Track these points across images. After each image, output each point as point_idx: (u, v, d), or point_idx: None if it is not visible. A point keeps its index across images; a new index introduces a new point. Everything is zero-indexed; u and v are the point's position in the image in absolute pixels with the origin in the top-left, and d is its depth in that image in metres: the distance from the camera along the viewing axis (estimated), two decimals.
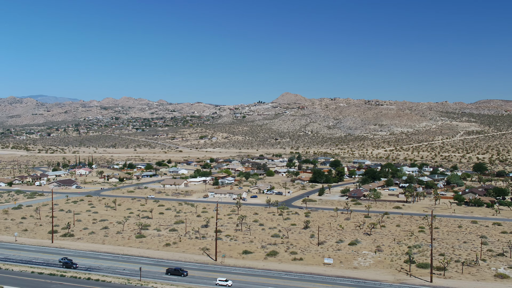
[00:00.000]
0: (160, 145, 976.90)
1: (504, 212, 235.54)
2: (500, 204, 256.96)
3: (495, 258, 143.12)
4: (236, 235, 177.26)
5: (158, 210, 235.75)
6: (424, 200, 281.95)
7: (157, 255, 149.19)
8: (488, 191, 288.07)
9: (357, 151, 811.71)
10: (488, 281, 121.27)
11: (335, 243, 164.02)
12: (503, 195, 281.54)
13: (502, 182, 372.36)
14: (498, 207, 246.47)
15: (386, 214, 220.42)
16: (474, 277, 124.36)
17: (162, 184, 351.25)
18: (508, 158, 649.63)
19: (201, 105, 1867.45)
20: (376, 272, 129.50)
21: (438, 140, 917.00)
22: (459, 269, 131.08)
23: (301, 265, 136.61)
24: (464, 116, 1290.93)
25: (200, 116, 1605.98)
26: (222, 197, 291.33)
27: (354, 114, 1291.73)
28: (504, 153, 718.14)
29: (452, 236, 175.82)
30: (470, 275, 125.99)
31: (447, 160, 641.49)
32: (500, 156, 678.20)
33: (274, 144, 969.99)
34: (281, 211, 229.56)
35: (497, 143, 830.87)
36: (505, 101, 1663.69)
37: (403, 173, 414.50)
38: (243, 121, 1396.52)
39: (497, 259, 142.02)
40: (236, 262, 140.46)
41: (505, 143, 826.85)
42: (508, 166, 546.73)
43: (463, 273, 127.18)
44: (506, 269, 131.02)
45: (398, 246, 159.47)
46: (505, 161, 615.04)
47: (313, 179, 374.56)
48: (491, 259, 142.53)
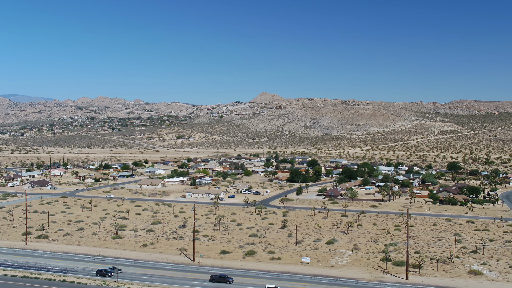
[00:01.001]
0: (136, 145, 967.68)
1: (477, 210, 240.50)
2: (473, 202, 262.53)
3: (468, 255, 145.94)
4: (214, 235, 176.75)
5: (135, 211, 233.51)
6: (400, 199, 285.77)
7: (134, 256, 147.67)
8: (462, 189, 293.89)
9: (334, 150, 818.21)
10: (462, 277, 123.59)
11: (313, 242, 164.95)
12: (476, 193, 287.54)
13: (475, 181, 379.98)
14: (472, 205, 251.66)
15: (362, 213, 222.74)
16: (449, 274, 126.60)
17: (139, 185, 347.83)
18: (481, 157, 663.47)
19: (178, 105, 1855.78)
20: (353, 271, 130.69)
21: (413, 140, 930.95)
22: (434, 266, 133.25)
23: (279, 265, 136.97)
24: (438, 116, 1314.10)
25: (177, 116, 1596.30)
26: (200, 197, 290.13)
27: (331, 114, 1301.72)
28: (477, 152, 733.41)
29: (427, 234, 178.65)
30: (444, 272, 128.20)
31: (422, 159, 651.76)
32: (473, 155, 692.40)
33: (252, 144, 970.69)
34: (259, 210, 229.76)
35: (470, 143, 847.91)
36: (478, 101, 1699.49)
37: (379, 172, 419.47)
38: (220, 121, 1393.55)
39: (470, 256, 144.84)
40: (214, 262, 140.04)
41: (477, 143, 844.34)
42: (480, 165, 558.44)
43: (438, 270, 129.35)
44: (479, 266, 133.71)
45: (374, 244, 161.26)
46: (477, 160, 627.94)
47: (291, 179, 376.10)
48: (465, 256, 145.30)
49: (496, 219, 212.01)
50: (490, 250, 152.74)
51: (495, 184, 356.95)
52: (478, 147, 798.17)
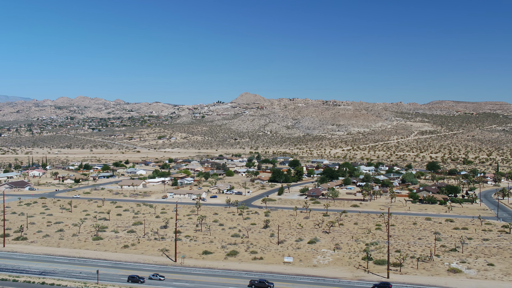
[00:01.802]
0: (117, 146, 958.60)
1: (456, 209, 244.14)
2: (452, 201, 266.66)
3: (448, 254, 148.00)
4: (196, 235, 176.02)
5: (116, 212, 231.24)
6: (381, 198, 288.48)
7: (115, 257, 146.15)
8: (441, 189, 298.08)
9: (316, 150, 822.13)
10: (442, 275, 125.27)
11: (295, 241, 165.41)
12: (455, 192, 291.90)
13: (454, 180, 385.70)
14: (451, 204, 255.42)
15: (344, 213, 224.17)
16: (429, 272, 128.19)
17: (119, 185, 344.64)
18: (459, 157, 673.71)
19: (160, 105, 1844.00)
20: (335, 270, 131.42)
21: (393, 140, 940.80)
22: (414, 264, 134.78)
23: (261, 264, 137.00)
24: (418, 117, 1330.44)
25: (159, 116, 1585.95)
26: (182, 197, 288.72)
27: (312, 114, 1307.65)
28: (456, 152, 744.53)
29: (407, 233, 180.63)
30: (425, 270, 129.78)
31: (402, 159, 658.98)
32: (452, 155, 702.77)
33: (234, 144, 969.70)
34: (241, 210, 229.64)
35: (449, 143, 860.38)
36: (456, 102, 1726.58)
37: (360, 172, 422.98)
38: (202, 121, 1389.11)
39: (450, 254, 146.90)
40: (196, 262, 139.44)
41: (456, 143, 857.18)
42: (459, 165, 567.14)
43: (418, 269, 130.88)
44: (458, 264, 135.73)
45: (356, 243, 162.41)
46: (456, 160, 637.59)
47: (273, 179, 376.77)
48: (445, 254, 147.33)
49: (475, 217, 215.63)
50: (469, 248, 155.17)
51: (473, 183, 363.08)
52: (457, 147, 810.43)
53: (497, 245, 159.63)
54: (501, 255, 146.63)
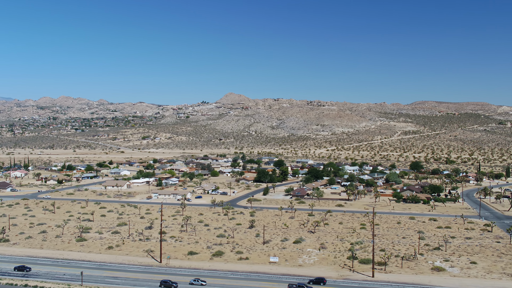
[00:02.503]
0: (101, 146, 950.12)
1: (439, 208, 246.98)
2: (435, 201, 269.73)
3: (431, 252, 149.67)
4: (181, 236, 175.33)
5: (100, 213, 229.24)
6: (365, 198, 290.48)
7: (99, 258, 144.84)
8: (424, 188, 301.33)
9: (300, 150, 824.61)
10: (426, 274, 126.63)
11: (280, 241, 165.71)
12: (438, 192, 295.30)
13: (437, 180, 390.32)
14: (434, 204, 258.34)
15: (329, 212, 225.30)
16: (413, 270, 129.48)
17: (103, 186, 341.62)
18: (442, 156, 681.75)
19: (144, 105, 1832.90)
20: (320, 269, 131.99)
21: (377, 140, 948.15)
22: (399, 263, 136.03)
23: (247, 265, 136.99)
24: (401, 117, 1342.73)
25: (143, 116, 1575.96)
26: (166, 198, 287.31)
27: (297, 115, 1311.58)
28: (438, 152, 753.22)
29: (391, 232, 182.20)
30: (409, 269, 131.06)
31: (386, 159, 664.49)
32: (435, 155, 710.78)
33: (219, 144, 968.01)
34: (226, 211, 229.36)
35: (432, 143, 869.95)
36: (439, 102, 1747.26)
37: (345, 172, 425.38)
38: (186, 121, 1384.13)
39: (433, 253, 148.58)
40: (182, 263, 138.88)
41: (439, 143, 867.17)
42: (442, 165, 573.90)
43: (403, 267, 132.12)
44: (442, 262, 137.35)
45: (341, 243, 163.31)
46: (439, 160, 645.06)
47: (258, 179, 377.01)
48: (428, 253, 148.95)
49: (457, 216, 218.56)
50: (452, 246, 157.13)
51: (456, 182, 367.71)
52: (440, 147, 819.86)
53: (480, 244, 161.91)
54: (483, 253, 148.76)
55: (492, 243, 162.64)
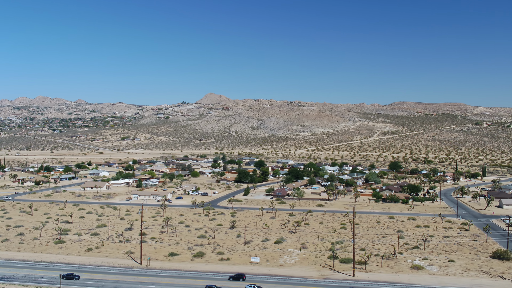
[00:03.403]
0: (79, 147, 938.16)
1: (417, 207, 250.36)
2: (414, 200, 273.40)
3: (411, 251, 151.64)
4: (161, 237, 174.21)
5: (79, 214, 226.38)
6: (345, 197, 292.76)
7: (78, 260, 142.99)
8: (403, 188, 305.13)
9: (281, 151, 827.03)
10: (405, 272, 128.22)
11: (261, 242, 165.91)
12: (417, 191, 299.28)
13: (415, 179, 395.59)
14: (412, 203, 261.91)
15: (309, 212, 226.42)
16: (393, 269, 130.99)
17: (82, 187, 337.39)
18: (420, 156, 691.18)
19: (123, 105, 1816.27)
20: (301, 269, 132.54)
21: (356, 140, 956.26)
22: (379, 262, 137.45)
23: (228, 265, 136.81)
24: (380, 117, 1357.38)
25: (122, 116, 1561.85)
26: (147, 199, 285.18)
27: (277, 115, 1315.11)
28: (416, 152, 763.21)
29: (371, 232, 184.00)
30: (389, 267, 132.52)
31: (365, 159, 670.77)
32: (413, 155, 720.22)
33: (199, 145, 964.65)
34: (207, 211, 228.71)
35: (410, 143, 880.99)
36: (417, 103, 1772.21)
37: (325, 172, 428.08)
38: (166, 121, 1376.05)
39: (412, 252, 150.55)
40: (162, 264, 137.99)
41: (417, 143, 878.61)
42: (420, 164, 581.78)
43: (383, 266, 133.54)
44: (421, 261, 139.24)
45: (321, 242, 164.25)
46: (417, 160, 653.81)
47: (238, 179, 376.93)
48: (408, 251, 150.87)
49: (435, 215, 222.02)
50: (431, 245, 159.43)
51: (434, 182, 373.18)
52: (418, 147, 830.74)
53: (457, 242, 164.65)
54: (461, 251, 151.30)
55: (469, 242, 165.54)
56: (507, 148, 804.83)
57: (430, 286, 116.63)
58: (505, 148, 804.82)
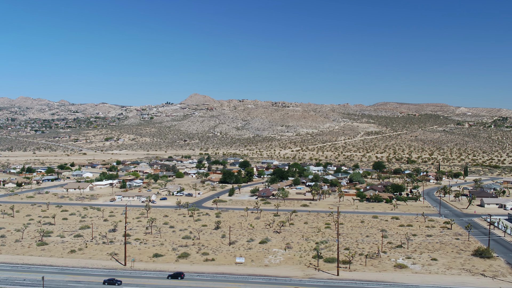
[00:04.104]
0: (62, 148, 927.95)
1: (401, 207, 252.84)
2: (398, 200, 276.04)
3: (394, 250, 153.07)
4: (146, 238, 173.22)
5: (62, 216, 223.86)
6: (329, 197, 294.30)
7: (61, 262, 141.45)
8: (387, 187, 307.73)
9: (265, 151, 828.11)
10: (389, 271, 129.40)
11: (246, 242, 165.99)
12: (400, 191, 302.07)
13: (398, 179, 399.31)
14: (396, 202, 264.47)
15: (294, 212, 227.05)
16: (377, 268, 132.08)
17: (65, 189, 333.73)
18: (404, 156, 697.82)
19: (106, 106, 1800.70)
20: (286, 269, 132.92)
21: (341, 140, 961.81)
22: (363, 261, 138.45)
23: (213, 266, 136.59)
24: (364, 118, 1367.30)
25: (105, 117, 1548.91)
26: (131, 200, 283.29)
27: (262, 116, 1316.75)
28: (400, 152, 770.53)
29: (355, 231, 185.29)
30: (373, 266, 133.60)
31: (349, 159, 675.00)
32: (396, 155, 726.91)
33: (183, 146, 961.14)
34: (192, 212, 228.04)
35: (394, 143, 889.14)
36: (400, 103, 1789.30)
37: (309, 172, 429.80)
38: (150, 122, 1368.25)
39: (396, 251, 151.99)
40: (147, 266, 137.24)
41: (400, 143, 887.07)
42: (403, 164, 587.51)
43: (367, 265, 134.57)
44: (404, 260, 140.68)
45: (306, 242, 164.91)
46: (400, 160, 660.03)
47: (223, 180, 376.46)
48: (391, 251, 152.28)
49: (418, 215, 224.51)
50: (414, 244, 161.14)
51: (417, 182, 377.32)
52: (401, 147, 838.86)
53: (440, 241, 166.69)
54: (443, 250, 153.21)
55: (452, 240, 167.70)
56: (488, 148, 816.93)
57: (413, 284, 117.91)
58: (486, 148, 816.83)
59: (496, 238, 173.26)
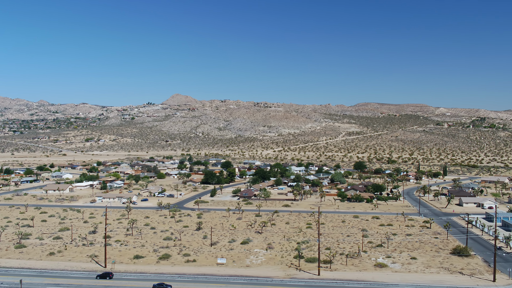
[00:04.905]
0: (41, 149, 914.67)
1: (381, 207, 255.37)
2: (378, 199, 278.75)
3: (374, 249, 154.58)
4: (126, 240, 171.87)
5: (41, 218, 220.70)
6: (311, 197, 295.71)
7: (39, 265, 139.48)
8: (368, 187, 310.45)
9: (247, 152, 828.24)
10: (369, 270, 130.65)
11: (228, 243, 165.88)
12: (381, 190, 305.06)
13: (379, 179, 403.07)
14: (376, 202, 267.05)
15: (276, 213, 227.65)
16: (357, 267, 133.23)
17: (44, 190, 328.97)
18: (384, 156, 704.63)
19: (87, 106, 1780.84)
20: (267, 269, 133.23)
21: (322, 141, 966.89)
22: (343, 261, 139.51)
23: (194, 267, 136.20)
24: (345, 118, 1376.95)
25: (86, 117, 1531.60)
26: (111, 201, 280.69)
27: (244, 116, 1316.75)
28: (381, 152, 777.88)
29: (336, 231, 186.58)
30: (353, 266, 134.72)
31: (331, 159, 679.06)
32: (377, 155, 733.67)
33: (165, 146, 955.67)
34: (173, 213, 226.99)
35: (374, 143, 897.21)
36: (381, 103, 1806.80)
37: (291, 172, 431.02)
38: (132, 122, 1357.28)
39: (376, 250, 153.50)
40: (127, 267, 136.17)
41: (381, 143, 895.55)
42: (384, 164, 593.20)
43: (347, 265, 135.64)
44: (384, 259, 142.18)
45: (288, 242, 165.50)
46: (381, 160, 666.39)
47: (205, 181, 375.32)
48: (371, 250, 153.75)
49: (398, 214, 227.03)
50: (394, 243, 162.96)
51: (397, 181, 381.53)
52: (382, 147, 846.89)
53: (419, 240, 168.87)
54: (422, 249, 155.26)
55: (431, 239, 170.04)
56: (466, 148, 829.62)
57: (393, 283, 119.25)
58: (465, 148, 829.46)
59: (474, 236, 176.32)
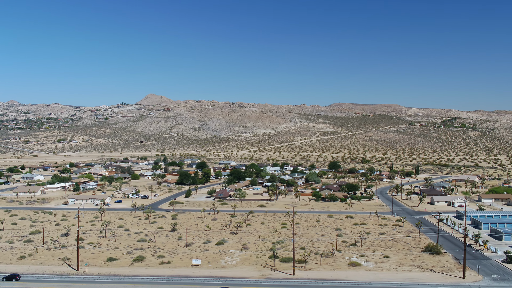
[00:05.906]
0: (12, 150, 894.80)
1: (355, 206, 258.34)
2: (352, 199, 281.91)
3: (348, 248, 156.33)
4: (99, 242, 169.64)
5: (11, 221, 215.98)
6: (286, 197, 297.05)
7: (10, 269, 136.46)
8: (342, 187, 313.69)
9: (223, 152, 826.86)
10: (343, 269, 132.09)
11: (203, 243, 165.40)
12: (355, 190, 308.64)
13: (353, 179, 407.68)
14: (351, 202, 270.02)
15: (251, 213, 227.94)
16: (331, 267, 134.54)
17: (15, 192, 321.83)
18: (358, 156, 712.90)
19: (59, 106, 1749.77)
20: (242, 270, 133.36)
21: (297, 141, 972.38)
22: (318, 260, 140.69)
23: (169, 268, 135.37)
24: (320, 118, 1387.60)
25: (58, 118, 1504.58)
26: (84, 203, 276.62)
27: (219, 116, 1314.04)
28: (355, 151, 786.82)
29: (311, 230, 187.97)
30: (327, 265, 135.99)
31: (306, 159, 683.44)
32: (351, 154, 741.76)
33: (139, 147, 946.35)
34: (148, 215, 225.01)
35: (349, 143, 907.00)
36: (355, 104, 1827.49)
37: (266, 172, 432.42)
38: (105, 123, 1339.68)
39: (350, 249, 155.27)
40: (100, 270, 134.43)
41: (355, 143, 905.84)
42: (358, 164, 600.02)
43: (322, 264, 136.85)
44: (358, 258, 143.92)
45: (263, 243, 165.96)
46: (355, 159, 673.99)
47: (180, 181, 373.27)
48: (346, 249, 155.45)
49: (372, 213, 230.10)
50: (367, 242, 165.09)
51: (371, 181, 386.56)
52: (356, 147, 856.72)
53: (392, 238, 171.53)
54: (395, 247, 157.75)
55: (403, 238, 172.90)
56: (438, 147, 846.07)
57: (366, 281, 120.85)
58: (437, 147, 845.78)
59: (445, 234, 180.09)
